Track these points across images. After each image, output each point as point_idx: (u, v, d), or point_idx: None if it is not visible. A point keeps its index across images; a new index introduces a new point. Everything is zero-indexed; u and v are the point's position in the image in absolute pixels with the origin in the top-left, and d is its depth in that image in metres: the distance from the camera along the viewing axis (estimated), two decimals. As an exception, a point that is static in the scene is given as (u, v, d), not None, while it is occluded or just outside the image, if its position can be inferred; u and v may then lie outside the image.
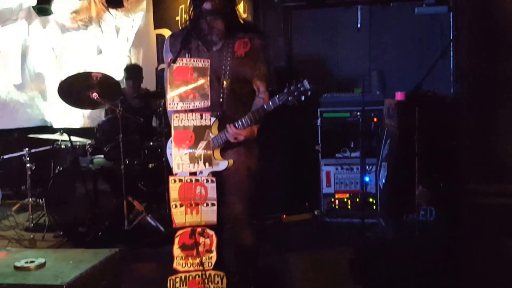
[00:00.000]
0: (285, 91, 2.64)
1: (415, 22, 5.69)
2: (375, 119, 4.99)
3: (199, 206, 2.69)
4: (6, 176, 6.52)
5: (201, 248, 2.68)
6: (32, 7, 6.23)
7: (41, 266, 2.64)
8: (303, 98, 2.63)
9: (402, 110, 4.00)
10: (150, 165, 5.44)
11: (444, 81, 5.45)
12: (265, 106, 2.70)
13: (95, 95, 4.63)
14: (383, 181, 4.68)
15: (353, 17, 5.79)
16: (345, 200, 5.11)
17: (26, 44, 6.64)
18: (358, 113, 4.94)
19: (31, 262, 2.66)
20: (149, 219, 4.86)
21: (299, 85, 2.62)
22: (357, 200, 5.04)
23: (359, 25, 5.78)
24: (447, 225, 3.66)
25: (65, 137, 5.21)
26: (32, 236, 4.80)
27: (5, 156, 5.51)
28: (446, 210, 3.73)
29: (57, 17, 6.43)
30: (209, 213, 2.69)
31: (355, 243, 4.31)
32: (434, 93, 4.06)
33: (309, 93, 2.63)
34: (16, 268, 2.63)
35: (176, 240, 2.68)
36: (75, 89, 4.69)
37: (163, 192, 5.22)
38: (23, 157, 5.24)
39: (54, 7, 6.26)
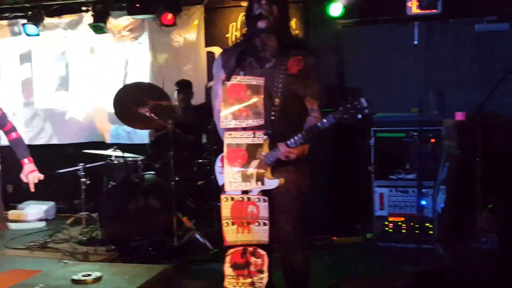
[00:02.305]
0: (340, 108, 2.57)
1: (475, 39, 5.49)
2: (432, 140, 4.80)
3: (251, 225, 2.66)
4: (61, 190, 6.70)
5: (252, 268, 2.65)
6: (88, 24, 6.42)
7: (98, 280, 2.70)
8: (359, 116, 2.54)
9: (463, 131, 3.84)
10: (199, 182, 5.45)
11: (508, 102, 5.20)
12: (319, 124, 2.64)
13: (146, 111, 4.71)
14: (441, 205, 4.48)
15: (410, 33, 5.63)
16: (400, 223, 4.92)
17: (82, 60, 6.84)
18: (415, 134, 4.77)
19: (88, 275, 2.71)
20: (197, 236, 4.84)
21: (355, 103, 2.53)
22: (413, 224, 4.84)
23: (415, 42, 5.63)
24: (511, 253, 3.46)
25: (118, 153, 5.30)
26: (85, 250, 4.88)
27: (61, 171, 5.64)
28: (510, 237, 3.54)
29: (112, 34, 6.60)
30: (261, 233, 2.66)
31: (409, 270, 4.13)
32: (497, 114, 3.88)
33: (366, 111, 2.54)
34: (73, 281, 2.70)
35: (228, 258, 2.66)
36: (127, 105, 4.80)
37: (211, 210, 5.22)
38: (78, 172, 5.36)
39: (109, 25, 6.43)
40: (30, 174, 3.71)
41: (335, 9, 5.55)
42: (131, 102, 4.78)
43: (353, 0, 5.50)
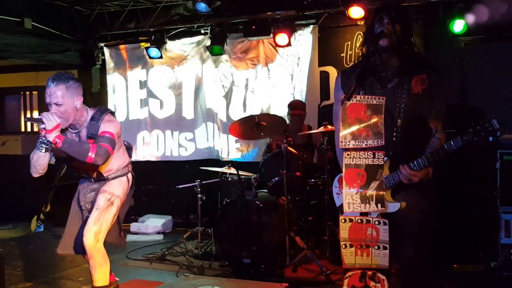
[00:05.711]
0: (470, 130, 2.44)
1: None
2: None
3: (370, 248, 2.58)
4: (178, 205, 7.00)
5: (371, 293, 2.56)
6: (206, 47, 6.71)
7: (217, 293, 2.76)
8: (490, 139, 2.40)
9: None
10: (311, 202, 5.43)
11: None
12: (446, 147, 2.51)
13: (261, 133, 4.90)
14: None
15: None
16: (528, 253, 4.54)
17: (199, 82, 7.14)
18: (548, 157, 4.40)
19: (208, 289, 2.80)
20: (310, 256, 4.80)
21: (487, 125, 2.39)
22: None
23: (546, 59, 5.21)
24: None
25: (232, 170, 5.44)
26: (201, 264, 5.04)
27: (179, 186, 5.89)
28: None
29: (228, 56, 6.84)
30: (381, 257, 2.57)
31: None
32: None
33: (498, 133, 2.39)
34: (194, 294, 2.78)
35: (346, 281, 2.62)
36: (243, 128, 5.10)
37: (323, 230, 5.16)
38: (194, 188, 5.57)
39: (226, 47, 6.67)
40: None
41: (458, 26, 5.33)
42: (246, 127, 5.06)
43: (482, 20, 5.21)
